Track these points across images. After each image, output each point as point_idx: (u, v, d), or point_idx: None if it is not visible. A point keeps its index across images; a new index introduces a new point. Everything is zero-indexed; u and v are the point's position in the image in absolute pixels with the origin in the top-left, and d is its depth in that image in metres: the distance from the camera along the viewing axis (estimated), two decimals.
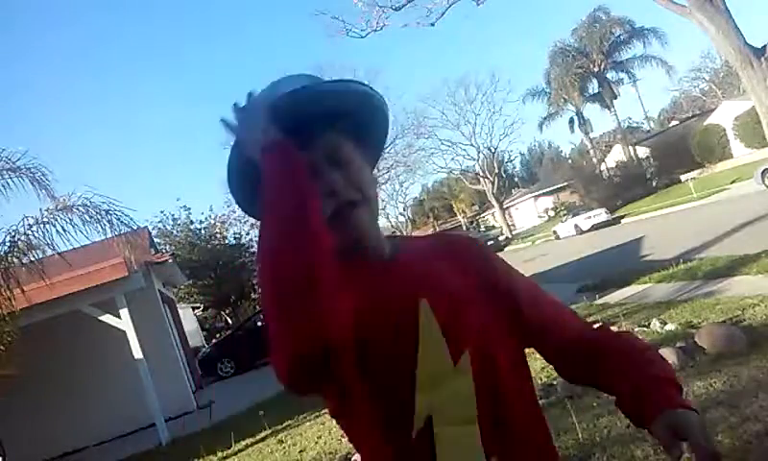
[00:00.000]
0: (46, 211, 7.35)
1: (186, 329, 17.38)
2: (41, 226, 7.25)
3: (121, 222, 7.81)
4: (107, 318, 9.05)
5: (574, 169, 40.92)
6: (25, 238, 7.15)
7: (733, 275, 7.41)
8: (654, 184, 31.98)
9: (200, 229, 26.35)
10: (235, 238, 27.70)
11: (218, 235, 27.10)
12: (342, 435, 5.73)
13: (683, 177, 29.78)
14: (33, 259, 7.15)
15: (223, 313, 27.11)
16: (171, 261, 12.86)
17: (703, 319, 5.74)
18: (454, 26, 58.54)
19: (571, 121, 39.14)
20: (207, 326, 27.40)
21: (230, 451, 6.98)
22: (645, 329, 5.95)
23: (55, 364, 10.21)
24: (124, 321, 9.07)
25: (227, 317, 26.84)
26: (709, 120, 31.36)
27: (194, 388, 13.02)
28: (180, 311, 18.47)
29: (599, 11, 35.72)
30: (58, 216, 7.35)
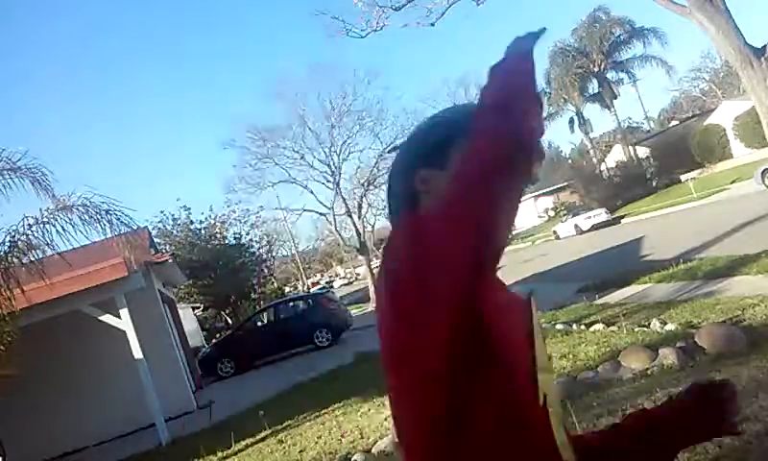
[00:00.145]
0: (46, 211, 7.34)
1: (186, 329, 17.36)
2: (41, 226, 7.24)
3: (121, 222, 7.80)
4: (106, 318, 9.06)
5: (574, 169, 40.82)
6: (25, 238, 7.14)
7: (733, 275, 7.42)
8: (654, 184, 31.99)
9: (200, 229, 26.33)
10: (235, 238, 27.71)
11: (218, 235, 27.09)
12: (342, 435, 5.72)
13: (683, 177, 29.79)
14: (33, 259, 7.13)
15: (223, 313, 27.09)
16: (171, 261, 12.85)
17: (703, 319, 5.75)
18: (454, 26, 58.41)
19: (571, 121, 39.11)
20: (207, 326, 27.34)
21: (230, 451, 6.98)
22: (645, 329, 5.95)
23: (55, 364, 10.21)
24: (124, 321, 9.07)
25: (227, 317, 26.81)
26: (709, 120, 31.38)
27: (194, 388, 13.01)
28: (180, 311, 18.46)
29: (599, 11, 35.72)
30: (57, 216, 7.34)
